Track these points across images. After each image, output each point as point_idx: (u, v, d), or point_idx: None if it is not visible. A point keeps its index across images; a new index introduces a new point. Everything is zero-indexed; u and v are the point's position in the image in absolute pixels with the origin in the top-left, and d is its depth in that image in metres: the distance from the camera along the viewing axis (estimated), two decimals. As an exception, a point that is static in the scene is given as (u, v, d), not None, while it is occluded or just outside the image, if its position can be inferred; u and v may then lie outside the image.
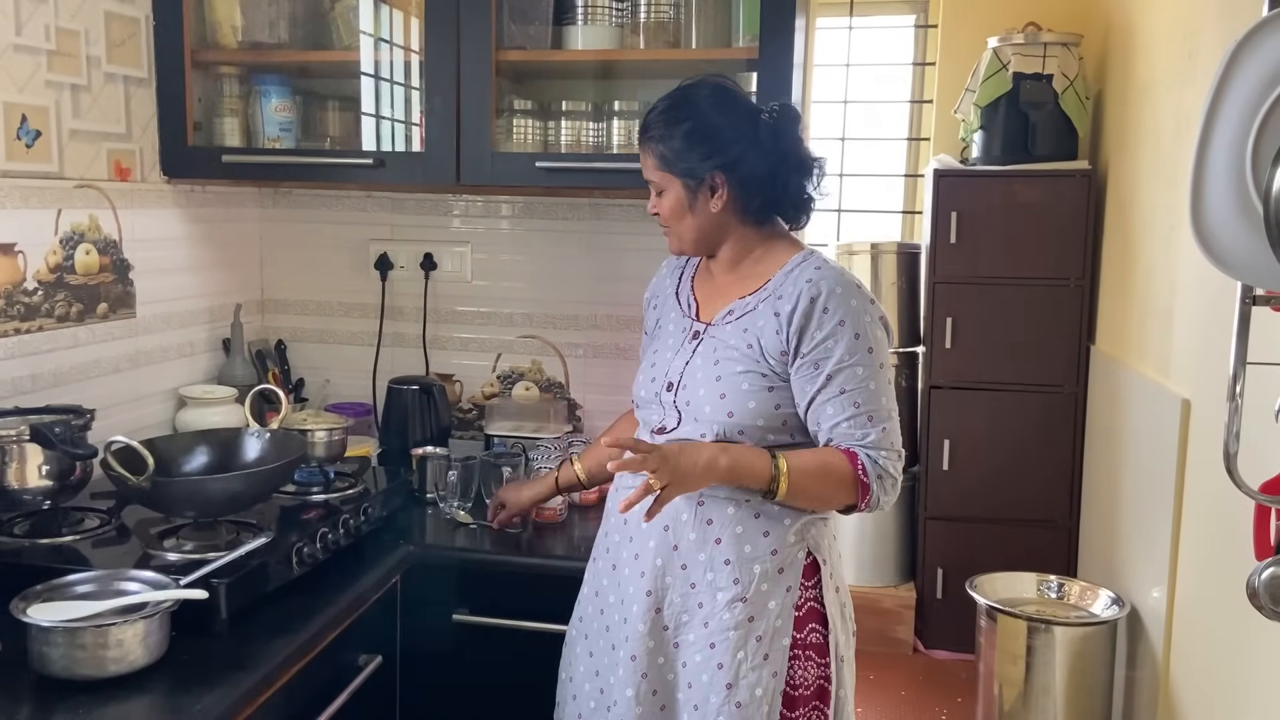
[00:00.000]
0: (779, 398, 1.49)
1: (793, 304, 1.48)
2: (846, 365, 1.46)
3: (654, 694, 1.53)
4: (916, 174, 4.22)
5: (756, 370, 1.49)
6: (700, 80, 1.56)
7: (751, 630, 1.48)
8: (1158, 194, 2.74)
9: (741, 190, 1.52)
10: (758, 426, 1.49)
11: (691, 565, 1.51)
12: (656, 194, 1.57)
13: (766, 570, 1.49)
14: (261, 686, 1.32)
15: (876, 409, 1.47)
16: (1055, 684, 2.70)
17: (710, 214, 1.54)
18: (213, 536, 1.56)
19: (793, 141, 1.55)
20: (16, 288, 1.77)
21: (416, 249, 2.44)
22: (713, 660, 1.49)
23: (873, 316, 1.49)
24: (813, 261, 1.53)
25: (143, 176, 2.08)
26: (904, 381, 3.74)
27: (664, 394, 1.57)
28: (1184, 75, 2.55)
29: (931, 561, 3.61)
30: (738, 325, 1.53)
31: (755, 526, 1.49)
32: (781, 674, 1.48)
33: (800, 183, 1.56)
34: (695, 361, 1.55)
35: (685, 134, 1.51)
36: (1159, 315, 2.67)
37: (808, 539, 1.52)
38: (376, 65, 2.20)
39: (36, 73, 1.80)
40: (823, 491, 1.48)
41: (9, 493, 1.54)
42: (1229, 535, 2.07)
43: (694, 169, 1.51)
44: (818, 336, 1.46)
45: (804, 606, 1.51)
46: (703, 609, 1.50)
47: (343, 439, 1.94)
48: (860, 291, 1.50)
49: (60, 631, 1.22)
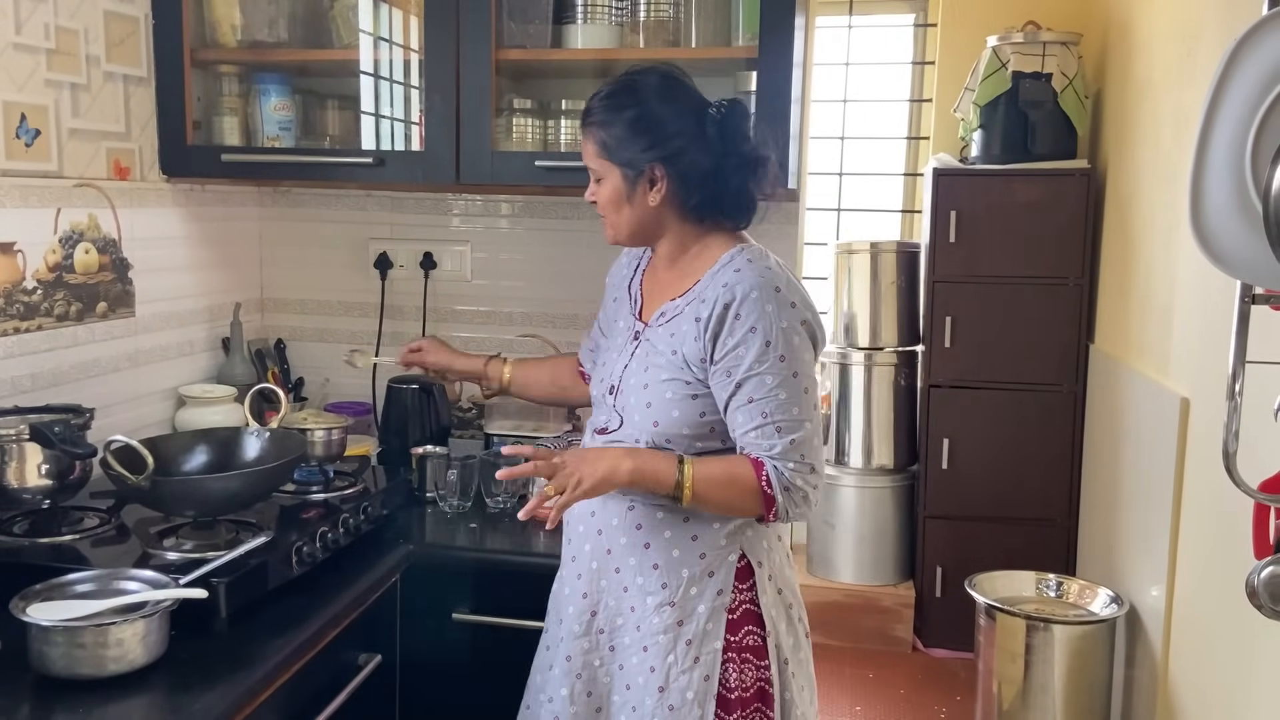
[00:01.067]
0: (703, 405, 1.48)
1: (710, 309, 1.45)
2: (755, 373, 1.43)
3: (588, 695, 1.55)
4: (916, 173, 4.22)
5: (680, 378, 1.48)
6: (649, 68, 1.53)
7: (681, 634, 1.48)
8: (1157, 193, 2.75)
9: (681, 185, 1.49)
10: (683, 435, 1.48)
11: (624, 569, 1.52)
12: (595, 181, 1.54)
13: (695, 574, 1.49)
14: (261, 686, 1.32)
15: (786, 419, 1.43)
16: (1054, 682, 2.71)
17: (648, 206, 1.51)
18: (212, 536, 1.56)
19: (739, 139, 1.50)
20: (16, 287, 1.77)
21: (416, 248, 2.44)
22: (646, 663, 1.49)
23: (790, 322, 1.44)
24: (735, 263, 1.48)
25: (142, 175, 2.08)
26: (903, 381, 3.74)
27: (607, 396, 1.58)
28: (1184, 74, 2.55)
29: (931, 560, 3.61)
30: (665, 330, 1.52)
31: (684, 531, 1.49)
32: (714, 677, 1.47)
33: (743, 181, 1.51)
34: (631, 365, 1.55)
35: (628, 122, 1.48)
36: (1158, 314, 2.68)
37: (741, 542, 1.51)
38: (376, 64, 2.20)
39: (36, 71, 1.79)
40: (728, 500, 1.46)
41: (8, 492, 1.55)
42: (1228, 534, 2.07)
43: (634, 159, 1.48)
44: (729, 343, 1.44)
45: (738, 609, 1.50)
46: (635, 613, 1.51)
47: (342, 438, 1.94)
48: (779, 295, 1.44)
49: (60, 631, 1.22)
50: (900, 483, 3.75)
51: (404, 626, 1.81)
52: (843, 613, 3.71)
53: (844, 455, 3.77)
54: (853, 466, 3.76)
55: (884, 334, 3.73)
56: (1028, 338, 3.44)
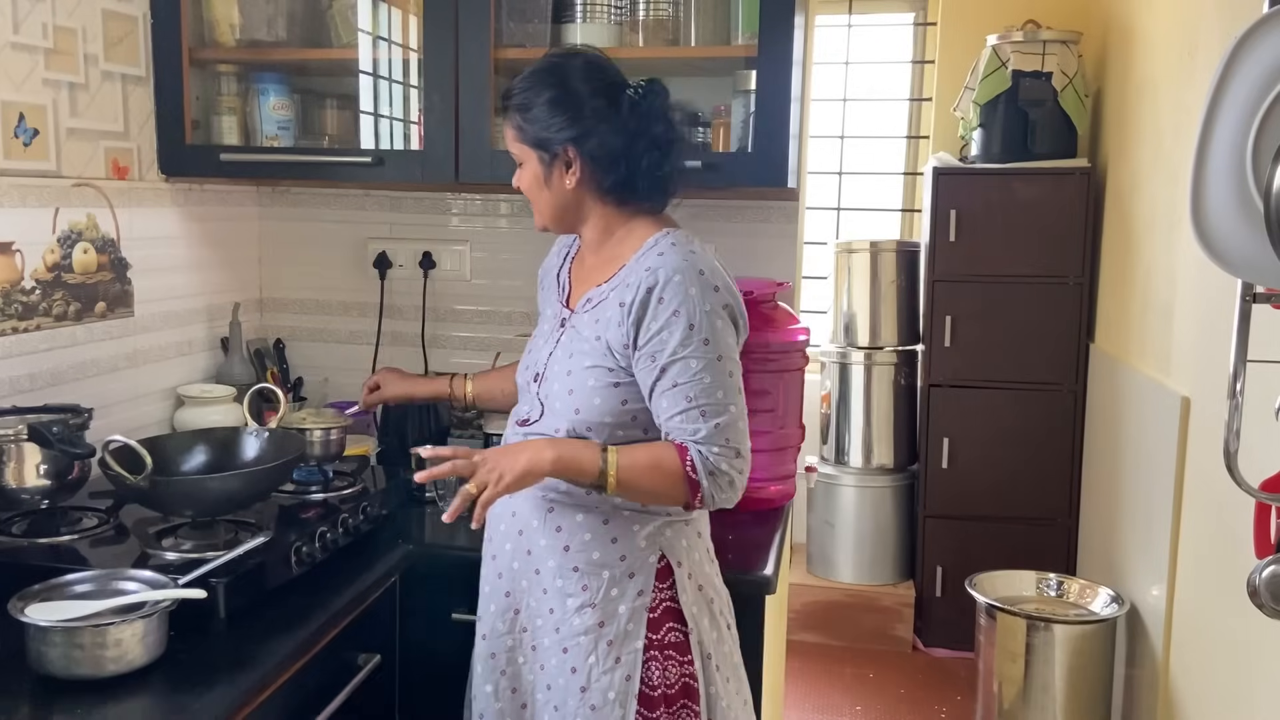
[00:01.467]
0: (625, 394, 1.47)
1: (633, 294, 1.43)
2: (680, 357, 1.41)
3: (513, 692, 1.56)
4: (915, 172, 4.22)
5: (603, 365, 1.47)
6: (573, 51, 1.54)
7: (602, 635, 1.48)
8: (1158, 192, 2.74)
9: (594, 165, 1.47)
10: (605, 424, 1.47)
11: (544, 571, 1.52)
12: (519, 165, 1.54)
13: (615, 575, 1.48)
14: (260, 686, 1.31)
15: (711, 403, 1.42)
16: (1055, 682, 2.70)
17: (565, 189, 1.49)
18: (211, 536, 1.56)
19: (652, 119, 1.47)
20: (14, 287, 1.77)
21: (415, 247, 2.44)
22: (567, 665, 1.49)
23: (713, 306, 1.43)
24: (659, 246, 1.47)
25: (140, 175, 2.07)
26: (903, 380, 3.74)
27: (531, 384, 1.57)
28: (1184, 73, 2.54)
29: (931, 560, 3.61)
30: (591, 316, 1.51)
31: (603, 533, 1.49)
32: (636, 676, 1.47)
33: (656, 161, 1.48)
34: (557, 353, 1.54)
35: (546, 103, 1.46)
36: (1159, 313, 2.67)
37: (660, 542, 1.50)
38: (375, 63, 2.20)
39: (34, 71, 1.79)
40: (654, 487, 1.44)
41: (7, 492, 1.54)
42: (1228, 533, 2.07)
43: (548, 140, 1.47)
44: (653, 328, 1.42)
45: (659, 608, 1.49)
46: (554, 614, 1.51)
47: (341, 438, 1.93)
48: (703, 279, 1.43)
49: (58, 631, 1.22)
50: (900, 482, 3.75)
51: (403, 627, 1.80)
52: (843, 612, 3.71)
53: (844, 455, 3.77)
54: (853, 466, 3.76)
55: (884, 333, 3.73)
56: (1028, 337, 3.43)
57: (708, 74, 2.19)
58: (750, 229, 2.30)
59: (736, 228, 2.30)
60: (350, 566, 1.68)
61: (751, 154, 1.94)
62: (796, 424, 2.18)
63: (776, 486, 2.13)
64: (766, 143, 1.91)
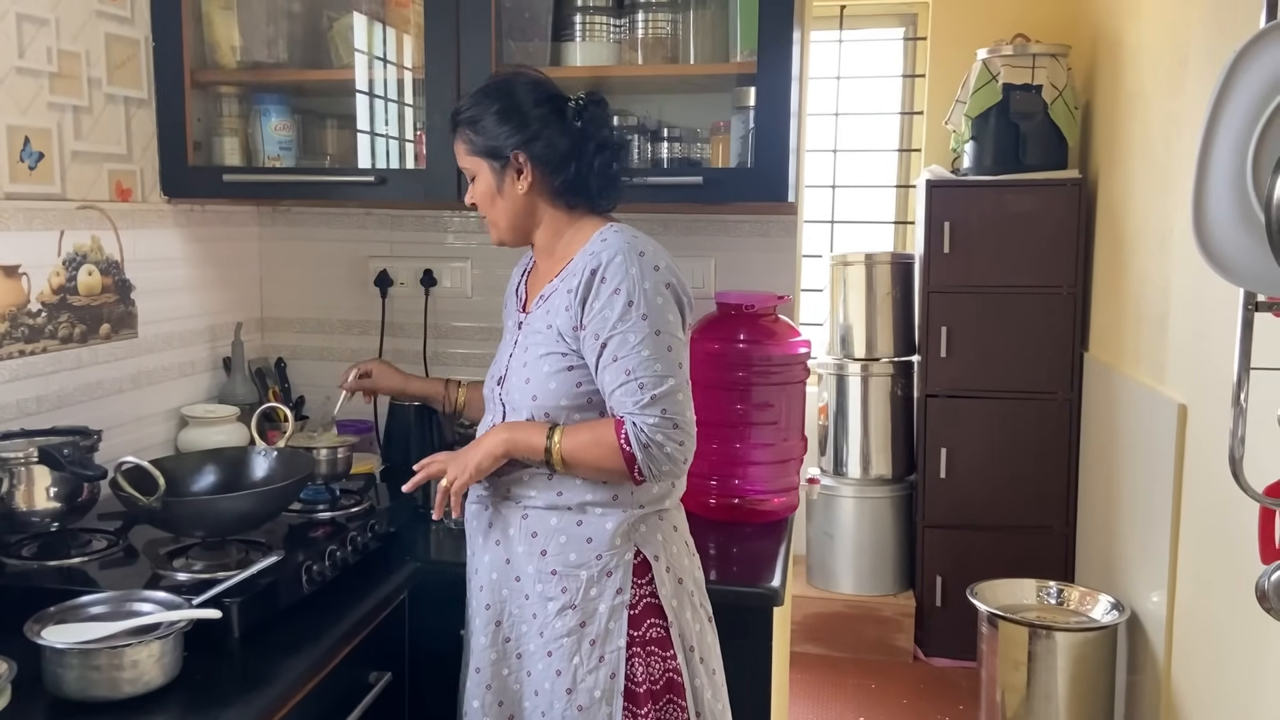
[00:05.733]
0: (580, 376, 1.52)
1: (579, 278, 1.49)
2: (619, 331, 1.46)
3: (499, 705, 1.58)
4: (908, 185, 4.25)
5: (556, 351, 1.52)
6: (517, 70, 1.62)
7: (584, 635, 1.51)
8: (1150, 202, 2.77)
9: (544, 168, 1.53)
10: (561, 407, 1.52)
11: (524, 577, 1.55)
12: (470, 181, 1.60)
13: (593, 575, 1.51)
14: (275, 705, 1.31)
15: (648, 375, 1.45)
16: (1057, 690, 2.72)
17: (518, 196, 1.55)
18: (222, 556, 1.56)
19: (597, 124, 1.55)
20: (21, 310, 1.77)
21: (416, 265, 2.45)
22: (552, 668, 1.52)
23: (654, 283, 1.48)
24: (602, 234, 1.53)
25: (143, 197, 2.08)
26: (900, 391, 3.76)
27: (495, 389, 1.62)
28: (1174, 85, 2.58)
29: (930, 569, 3.62)
30: (543, 309, 1.56)
31: (578, 534, 1.52)
32: (620, 674, 1.50)
33: (605, 163, 1.55)
34: (515, 354, 1.59)
35: (495, 114, 1.53)
36: (1153, 322, 2.70)
37: (635, 538, 1.54)
38: (373, 84, 2.21)
39: (39, 95, 1.80)
40: (595, 461, 1.48)
41: (17, 515, 1.54)
42: (1229, 538, 2.08)
43: (498, 149, 1.53)
44: (596, 306, 1.47)
45: (639, 604, 1.52)
46: (536, 619, 1.54)
47: (348, 456, 1.94)
48: (643, 259, 1.48)
49: (75, 653, 1.22)
50: (898, 492, 3.76)
51: (413, 644, 1.80)
52: (843, 623, 3.71)
53: (842, 466, 3.79)
54: (851, 477, 3.77)
55: (880, 344, 3.75)
56: (1022, 346, 3.46)
57: (706, 90, 2.21)
58: (749, 243, 2.32)
59: (735, 242, 2.32)
60: (359, 584, 1.69)
61: (752, 169, 1.96)
62: (799, 436, 2.19)
63: (780, 498, 2.14)
64: (767, 158, 1.93)
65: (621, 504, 1.53)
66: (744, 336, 2.12)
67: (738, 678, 1.69)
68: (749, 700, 1.74)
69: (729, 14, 2.03)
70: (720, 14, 2.06)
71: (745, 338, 2.12)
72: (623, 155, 1.59)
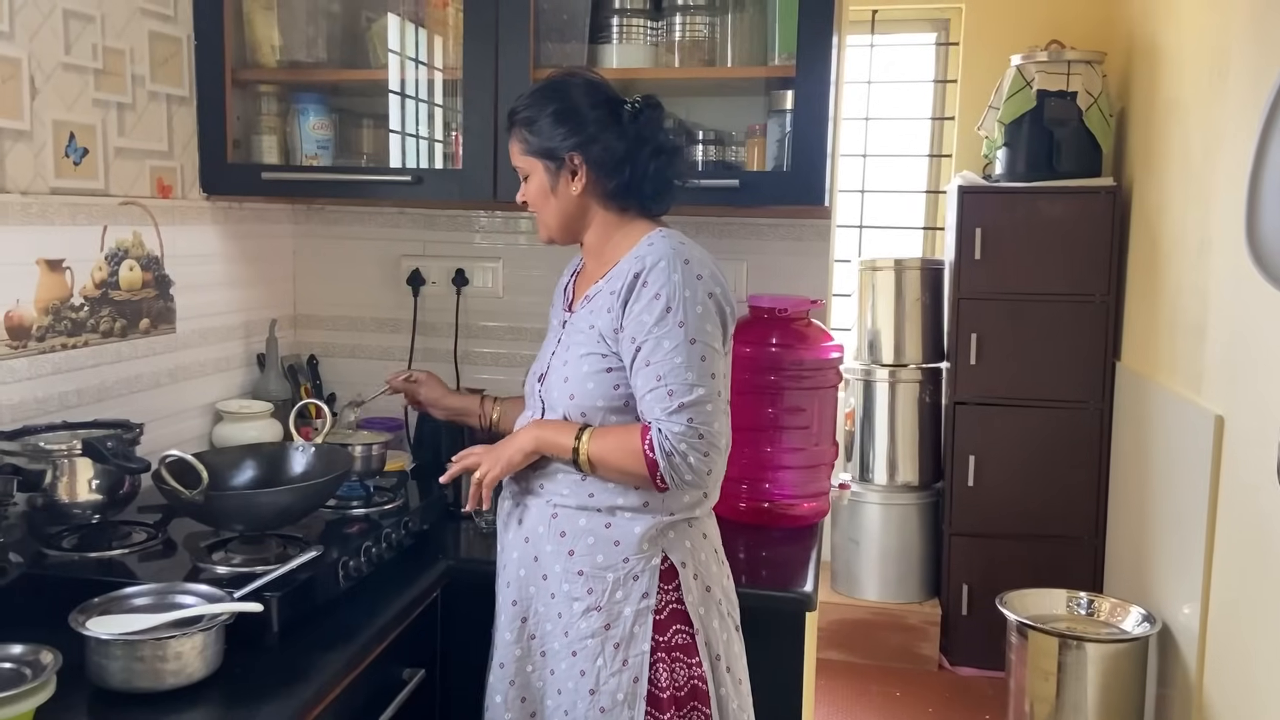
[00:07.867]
0: (617, 378, 1.52)
1: (623, 280, 1.50)
2: (654, 336, 1.46)
3: (522, 701, 1.59)
4: (938, 190, 4.23)
5: (596, 352, 1.52)
6: (573, 70, 1.62)
7: (608, 637, 1.51)
8: (1188, 211, 2.75)
9: (599, 171, 1.54)
10: (598, 408, 1.52)
11: (551, 576, 1.56)
12: (523, 180, 1.61)
13: (620, 578, 1.51)
14: (314, 700, 1.32)
15: (679, 383, 1.45)
16: (1087, 701, 2.69)
17: (571, 196, 1.56)
18: (261, 550, 1.57)
19: (653, 128, 1.56)
20: (64, 304, 1.79)
21: (448, 265, 2.46)
22: (575, 668, 1.52)
23: (695, 292, 1.47)
24: (649, 239, 1.53)
25: (183, 193, 2.10)
26: (928, 398, 3.74)
27: (536, 386, 1.63)
28: (1213, 94, 2.55)
29: (956, 578, 3.60)
30: (587, 309, 1.57)
31: (606, 536, 1.52)
32: (643, 678, 1.50)
33: (660, 168, 1.55)
34: (558, 351, 1.60)
35: (551, 115, 1.54)
36: (1190, 332, 2.67)
37: (662, 544, 1.53)
38: (411, 84, 2.22)
39: (85, 91, 1.82)
40: (621, 464, 1.48)
41: (59, 507, 1.56)
42: (1266, 553, 2.06)
43: (554, 149, 1.54)
44: (635, 310, 1.48)
45: (665, 610, 1.52)
46: (562, 619, 1.54)
47: (382, 453, 1.95)
48: (687, 267, 1.48)
49: (119, 644, 1.23)
50: (925, 500, 3.74)
51: (444, 641, 1.81)
52: (868, 630, 3.70)
53: (868, 472, 3.77)
54: (877, 483, 3.76)
55: (908, 350, 3.73)
56: (1054, 355, 3.43)
57: (742, 93, 2.21)
58: (783, 247, 2.31)
59: (769, 245, 2.32)
60: (393, 581, 1.70)
61: (789, 172, 1.96)
62: (830, 441, 2.19)
63: (810, 504, 2.13)
64: (805, 161, 1.92)
65: (652, 510, 1.53)
66: (776, 340, 2.12)
67: (768, 684, 1.69)
68: (780, 707, 1.74)
69: (767, 17, 2.03)
70: (758, 17, 2.05)
71: (777, 341, 2.11)
72: (677, 160, 1.59)
